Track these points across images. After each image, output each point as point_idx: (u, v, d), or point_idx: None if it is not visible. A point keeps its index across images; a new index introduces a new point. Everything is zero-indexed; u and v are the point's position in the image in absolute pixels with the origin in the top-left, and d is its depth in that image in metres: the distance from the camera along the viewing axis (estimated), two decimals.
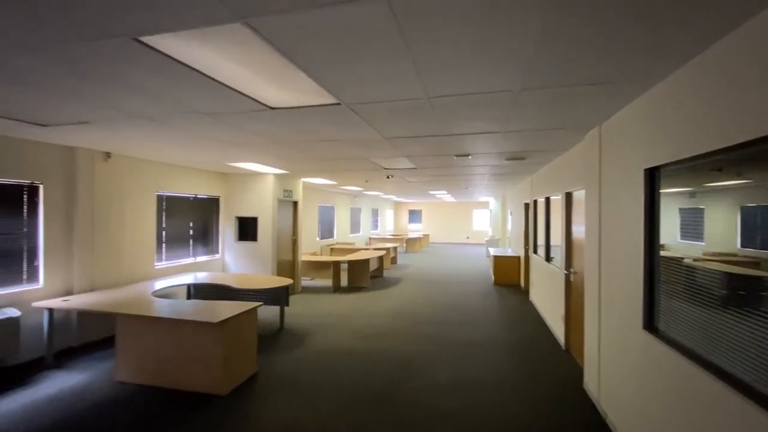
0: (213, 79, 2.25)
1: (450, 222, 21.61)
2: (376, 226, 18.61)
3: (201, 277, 5.73)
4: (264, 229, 7.21)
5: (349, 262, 8.58)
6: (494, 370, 4.03)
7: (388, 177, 7.70)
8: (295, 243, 8.21)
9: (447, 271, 11.31)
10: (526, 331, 5.40)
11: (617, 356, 2.86)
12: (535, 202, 7.02)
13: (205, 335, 3.47)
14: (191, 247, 6.60)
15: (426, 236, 18.99)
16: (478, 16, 1.50)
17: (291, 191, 7.93)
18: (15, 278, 4.10)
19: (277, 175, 7.27)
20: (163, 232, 5.97)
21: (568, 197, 4.62)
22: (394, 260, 12.61)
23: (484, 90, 2.40)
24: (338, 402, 3.35)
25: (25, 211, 4.19)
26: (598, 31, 1.62)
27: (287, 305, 5.47)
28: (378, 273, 10.06)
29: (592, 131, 3.46)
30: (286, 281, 5.31)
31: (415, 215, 22.40)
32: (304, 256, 8.82)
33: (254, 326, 3.93)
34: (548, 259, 5.80)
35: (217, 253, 7.23)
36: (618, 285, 2.85)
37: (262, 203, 7.23)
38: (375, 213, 18.41)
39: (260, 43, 1.75)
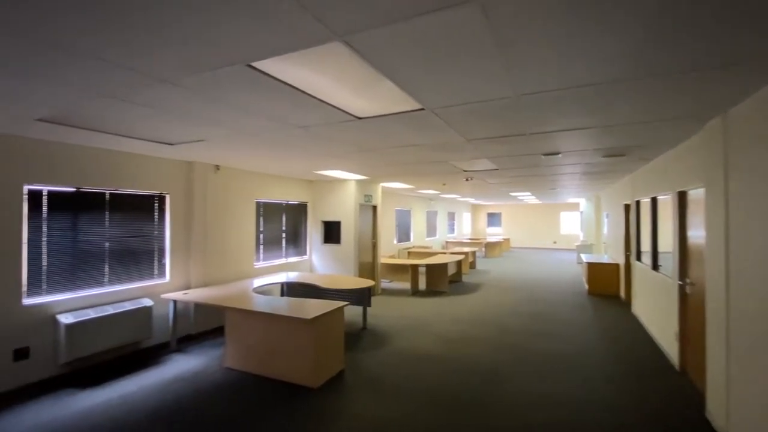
0: (308, 94, 2.44)
1: (533, 225, 20.33)
2: (452, 230, 18.31)
3: (292, 276, 6.21)
4: (347, 233, 7.56)
5: (428, 266, 8.56)
6: (592, 388, 3.68)
7: (467, 179, 7.54)
8: (374, 246, 8.46)
9: (532, 277, 10.65)
10: (628, 347, 4.84)
11: (754, 384, 2.42)
12: (638, 203, 6.27)
13: (299, 330, 3.75)
14: (284, 249, 7.20)
15: (506, 240, 18.12)
16: (580, 5, 1.41)
17: (371, 196, 8.20)
18: (148, 273, 4.89)
19: (358, 181, 7.59)
20: (261, 235, 6.62)
21: (682, 197, 4.05)
22: (472, 265, 12.27)
23: (583, 83, 2.23)
24: (425, 405, 3.36)
25: (155, 217, 4.98)
26: (731, 3, 1.40)
27: (369, 306, 5.65)
28: (456, 278, 9.88)
29: (714, 120, 2.99)
30: (369, 282, 5.50)
31: (494, 218, 21.54)
32: (382, 258, 9.04)
33: (342, 324, 4.13)
34: (655, 267, 5.13)
35: (306, 254, 7.78)
36: (755, 300, 2.41)
37: (344, 208, 7.59)
38: (451, 216, 18.13)
39: (349, 58, 1.86)
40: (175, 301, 4.77)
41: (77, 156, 4.11)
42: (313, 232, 7.88)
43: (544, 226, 20.07)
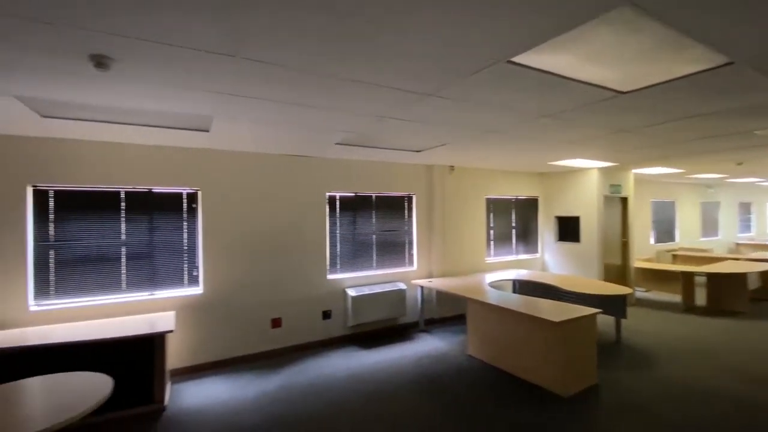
0: (566, 77, 2.24)
1: None
2: (747, 228, 13.17)
3: (523, 273, 5.99)
4: (587, 230, 6.65)
5: (710, 275, 6.46)
6: None
7: None
8: (625, 246, 7.08)
9: None
10: None
11: None
12: None
13: (544, 332, 3.55)
14: (514, 245, 7.04)
15: None
16: None
17: (619, 186, 6.90)
18: (401, 262, 5.78)
19: (601, 169, 6.53)
20: (491, 231, 6.70)
21: None
22: None
23: None
24: None
25: (405, 214, 5.83)
26: None
27: (624, 317, 4.76)
28: (762, 295, 7.03)
29: None
30: (625, 290, 4.64)
31: None
32: (636, 261, 7.46)
33: (594, 334, 3.65)
34: None
35: (537, 252, 7.34)
36: None
37: (584, 201, 6.70)
38: (745, 208, 13.06)
39: (613, 27, 1.57)
40: (422, 287, 5.45)
41: (355, 168, 5.29)
42: (545, 229, 7.33)
43: None
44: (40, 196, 3.60)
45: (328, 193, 5.10)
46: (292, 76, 2.16)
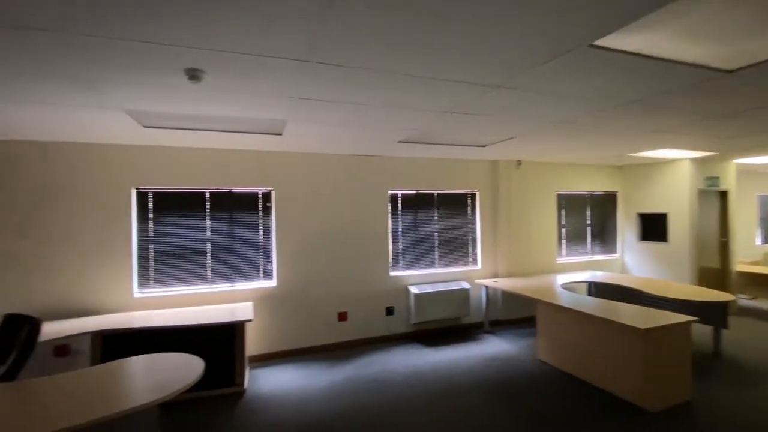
0: (657, 58, 2.02)
1: None
2: None
3: (599, 275, 5.54)
4: (677, 228, 5.94)
5: None
6: None
7: None
8: (724, 246, 6.22)
9: None
10: None
11: None
12: None
13: (628, 339, 3.25)
14: (588, 245, 6.52)
15: None
16: None
17: (717, 179, 6.07)
18: (464, 260, 5.65)
19: (695, 160, 5.79)
20: (563, 229, 6.28)
21: None
22: None
23: None
24: None
25: (468, 212, 5.69)
26: None
27: (725, 327, 4.18)
28: None
29: None
30: (724, 296, 4.08)
31: None
32: (739, 265, 6.51)
33: (688, 344, 3.26)
34: None
35: (615, 252, 6.73)
36: None
37: (673, 196, 6.00)
38: None
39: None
40: (486, 287, 5.28)
41: (417, 165, 5.28)
42: (626, 227, 6.69)
43: None
44: (142, 197, 4.11)
45: (390, 191, 5.16)
46: (360, 76, 2.21)
